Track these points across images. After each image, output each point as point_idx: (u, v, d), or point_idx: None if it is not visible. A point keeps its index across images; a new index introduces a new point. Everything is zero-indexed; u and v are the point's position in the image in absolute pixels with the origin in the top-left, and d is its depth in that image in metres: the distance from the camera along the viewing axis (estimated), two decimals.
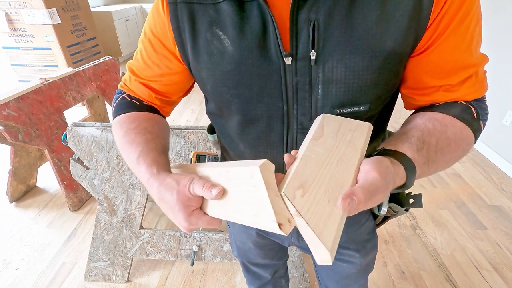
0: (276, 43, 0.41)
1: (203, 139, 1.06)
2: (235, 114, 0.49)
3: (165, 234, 1.24)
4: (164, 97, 0.55)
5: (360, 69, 0.40)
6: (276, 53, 0.41)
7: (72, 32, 2.97)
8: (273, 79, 0.43)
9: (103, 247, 1.27)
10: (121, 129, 0.50)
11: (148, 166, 0.42)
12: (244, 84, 0.44)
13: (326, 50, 0.40)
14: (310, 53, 0.40)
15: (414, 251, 1.47)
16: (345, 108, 0.44)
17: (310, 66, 0.41)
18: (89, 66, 1.98)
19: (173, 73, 0.51)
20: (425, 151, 0.40)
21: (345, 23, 0.39)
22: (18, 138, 1.48)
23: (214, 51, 0.44)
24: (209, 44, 0.44)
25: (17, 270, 1.39)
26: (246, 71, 0.43)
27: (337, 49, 0.40)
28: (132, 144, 0.46)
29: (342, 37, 0.39)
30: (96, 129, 1.08)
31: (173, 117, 2.91)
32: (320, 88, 0.43)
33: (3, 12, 2.67)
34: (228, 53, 0.43)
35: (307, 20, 0.39)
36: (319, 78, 0.42)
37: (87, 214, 1.73)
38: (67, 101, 1.79)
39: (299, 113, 0.45)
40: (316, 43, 0.40)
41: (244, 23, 0.41)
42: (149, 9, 5.18)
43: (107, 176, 1.14)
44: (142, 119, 0.51)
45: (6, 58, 2.95)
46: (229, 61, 0.43)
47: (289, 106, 0.45)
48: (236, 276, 1.38)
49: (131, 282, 1.34)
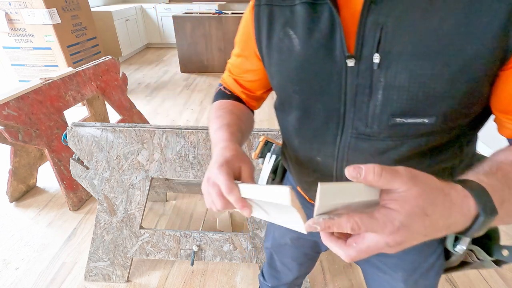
0: (340, 45, 0.41)
1: (203, 139, 1.06)
2: (295, 110, 0.51)
3: (165, 234, 1.24)
4: (249, 92, 0.63)
5: (428, 78, 0.37)
6: (340, 54, 0.42)
7: (72, 32, 2.97)
8: (333, 79, 0.43)
9: (103, 247, 1.27)
10: (213, 110, 0.60)
11: (223, 136, 0.50)
12: (306, 81, 0.46)
13: (391, 54, 0.38)
14: (374, 56, 0.39)
15: None
16: (406, 118, 0.41)
17: (372, 69, 0.40)
18: (89, 66, 1.98)
19: (254, 71, 0.58)
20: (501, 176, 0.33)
21: (417, 27, 0.36)
22: (18, 138, 1.48)
23: (284, 48, 0.47)
24: (281, 42, 0.47)
25: (17, 270, 1.39)
26: (310, 69, 0.45)
27: (404, 54, 0.38)
28: (217, 119, 0.55)
29: (411, 42, 0.37)
30: (96, 129, 1.08)
31: (173, 117, 2.91)
32: (380, 93, 0.41)
33: (3, 12, 2.67)
34: (296, 51, 0.45)
35: (375, 23, 0.38)
36: (380, 83, 0.40)
37: (87, 214, 1.73)
38: (67, 101, 1.79)
39: (356, 117, 0.45)
40: (381, 46, 0.39)
41: (314, 23, 0.43)
42: (149, 9, 5.20)
43: (107, 176, 1.14)
44: (229, 104, 0.60)
45: (6, 58, 2.95)
46: (296, 58, 0.46)
47: (346, 108, 0.45)
48: (236, 276, 1.38)
49: (131, 282, 1.34)
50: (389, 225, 0.28)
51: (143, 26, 5.29)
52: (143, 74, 4.16)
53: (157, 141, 1.08)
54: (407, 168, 0.29)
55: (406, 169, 0.29)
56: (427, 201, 0.28)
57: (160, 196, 1.80)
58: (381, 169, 0.28)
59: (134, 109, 2.39)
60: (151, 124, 1.12)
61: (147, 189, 1.15)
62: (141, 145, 1.09)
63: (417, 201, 0.28)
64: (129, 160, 1.11)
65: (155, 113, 2.98)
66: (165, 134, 1.06)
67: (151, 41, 5.53)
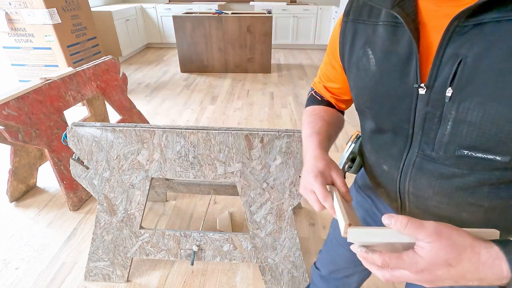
0: (414, 72, 0.42)
1: (203, 139, 1.06)
2: (368, 120, 0.55)
3: (165, 234, 1.24)
4: (337, 96, 0.68)
5: (502, 119, 0.36)
6: (412, 80, 0.42)
7: (72, 32, 2.97)
8: (404, 102, 0.45)
9: (103, 247, 1.27)
10: (305, 115, 0.67)
11: (317, 140, 0.57)
12: (378, 101, 0.49)
13: (466, 90, 0.37)
14: (447, 89, 0.39)
15: None
16: (476, 152, 0.40)
17: (444, 101, 0.40)
18: (89, 66, 1.98)
19: (339, 79, 0.63)
20: None
21: (499, 67, 0.34)
22: (18, 138, 1.48)
23: (361, 66, 0.50)
24: (359, 60, 0.50)
25: (17, 270, 1.39)
26: (382, 90, 0.47)
27: (480, 93, 0.36)
28: (309, 124, 0.62)
29: (490, 82, 0.35)
30: (96, 129, 1.08)
31: (173, 117, 2.91)
32: (449, 124, 0.41)
33: (3, 12, 2.67)
34: (371, 71, 0.48)
35: (454, 55, 0.37)
36: (451, 115, 0.40)
37: (87, 214, 1.73)
38: (67, 101, 1.79)
39: (423, 140, 0.45)
40: (456, 80, 0.38)
41: (392, 46, 0.44)
42: (149, 9, 5.21)
43: (107, 176, 1.14)
44: (320, 110, 0.66)
45: (6, 58, 2.95)
46: (371, 78, 0.49)
47: (414, 131, 0.46)
48: (236, 276, 1.38)
49: (131, 282, 1.34)
50: (414, 266, 0.34)
51: (143, 26, 5.29)
52: (143, 74, 4.16)
53: (157, 141, 1.08)
54: (436, 223, 0.34)
55: (433, 223, 0.34)
56: (450, 254, 0.32)
57: (160, 196, 1.80)
58: (407, 221, 0.34)
59: (134, 109, 2.39)
60: (151, 124, 1.12)
61: (147, 189, 1.15)
62: (141, 145, 1.09)
63: (439, 253, 0.32)
64: (129, 160, 1.11)
65: (155, 113, 2.98)
66: (165, 134, 1.06)
67: (151, 41, 5.53)
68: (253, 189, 1.12)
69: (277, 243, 1.21)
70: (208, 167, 1.10)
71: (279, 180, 1.10)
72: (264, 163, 1.08)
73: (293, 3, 5.38)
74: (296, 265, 1.24)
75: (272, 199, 1.14)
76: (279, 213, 1.16)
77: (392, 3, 0.43)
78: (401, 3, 0.43)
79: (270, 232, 1.19)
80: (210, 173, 1.11)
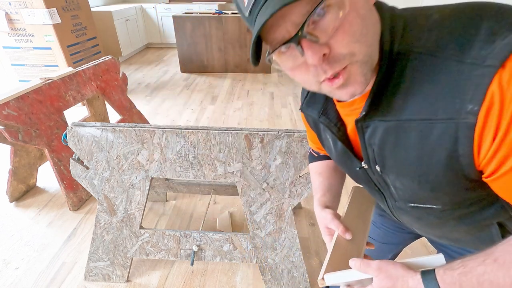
0: (354, 158, 0.52)
1: (203, 139, 1.06)
2: None
3: (165, 234, 1.24)
4: None
5: (413, 188, 0.46)
6: (357, 162, 0.52)
7: (72, 32, 2.97)
8: (362, 173, 0.54)
9: (103, 247, 1.27)
10: (310, 172, 0.77)
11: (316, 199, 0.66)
12: (345, 170, 0.60)
13: (385, 168, 0.47)
14: (376, 166, 0.49)
15: (414, 251, 1.47)
16: (418, 204, 0.50)
17: (380, 173, 0.49)
18: (89, 66, 1.98)
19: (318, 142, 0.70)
20: (457, 274, 0.38)
21: (393, 154, 0.44)
22: (18, 138, 1.48)
23: (327, 146, 0.59)
24: (324, 141, 0.60)
25: (17, 269, 1.39)
26: (344, 165, 0.58)
27: (392, 171, 0.47)
28: (312, 183, 0.73)
29: (392, 164, 0.46)
30: (96, 129, 1.08)
31: (173, 117, 2.91)
32: (392, 188, 0.51)
33: (3, 12, 2.67)
34: (332, 151, 0.58)
35: (369, 144, 0.47)
36: (389, 182, 0.50)
37: (87, 214, 1.73)
38: (67, 101, 1.79)
39: (387, 196, 0.56)
40: (377, 161, 0.48)
41: (336, 136, 0.53)
42: (149, 9, 5.20)
43: (107, 176, 1.14)
44: (319, 167, 0.73)
45: (6, 58, 2.95)
46: (334, 156, 0.59)
47: (380, 189, 0.56)
48: (236, 276, 1.38)
49: (131, 282, 1.34)
50: None
51: (143, 26, 5.29)
52: (143, 74, 4.16)
53: (157, 141, 1.08)
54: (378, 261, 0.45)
55: (376, 262, 0.45)
56: (389, 283, 0.43)
57: (160, 196, 1.80)
58: (360, 262, 0.46)
59: (134, 109, 2.39)
60: (151, 124, 1.12)
61: (147, 189, 1.15)
62: (141, 145, 1.09)
63: (382, 283, 0.44)
64: (129, 160, 1.11)
65: (155, 113, 2.98)
66: (165, 134, 1.06)
67: (151, 41, 5.53)
68: (253, 189, 1.12)
69: (277, 243, 1.21)
70: (208, 167, 1.10)
71: (279, 180, 1.10)
72: (264, 163, 1.08)
73: None
74: (296, 265, 1.24)
75: (272, 199, 1.14)
76: (279, 213, 1.16)
77: (319, 113, 0.55)
78: (325, 112, 0.54)
79: (270, 232, 1.19)
80: (210, 173, 1.11)
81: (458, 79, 0.34)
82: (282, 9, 0.34)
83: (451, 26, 0.36)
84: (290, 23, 0.35)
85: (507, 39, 0.31)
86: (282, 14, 0.35)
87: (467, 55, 0.34)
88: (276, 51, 0.38)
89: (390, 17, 0.40)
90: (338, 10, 0.34)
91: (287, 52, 0.38)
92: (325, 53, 0.36)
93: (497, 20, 0.33)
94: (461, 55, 0.34)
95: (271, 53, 0.39)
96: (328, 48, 0.36)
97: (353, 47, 0.36)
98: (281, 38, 0.37)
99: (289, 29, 0.36)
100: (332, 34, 0.35)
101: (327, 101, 0.54)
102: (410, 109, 0.39)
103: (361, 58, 0.37)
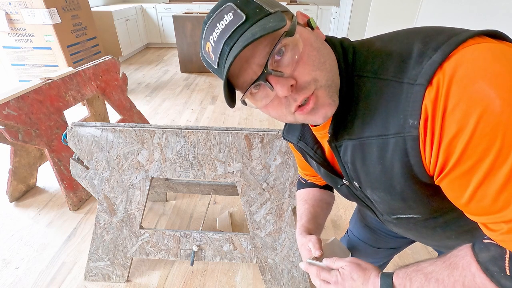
0: (335, 176, 0.56)
1: (203, 139, 1.06)
2: None
3: (165, 234, 1.24)
4: (315, 177, 0.77)
5: (388, 199, 0.49)
6: (338, 178, 0.56)
7: (72, 31, 2.97)
8: (345, 189, 0.58)
9: (103, 246, 1.27)
10: (297, 197, 0.80)
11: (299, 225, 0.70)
12: (334, 188, 0.62)
13: (362, 184, 0.50)
14: (354, 182, 0.52)
15: (414, 251, 1.47)
16: (400, 215, 0.53)
17: (360, 188, 0.52)
18: (89, 66, 1.98)
19: (307, 167, 0.72)
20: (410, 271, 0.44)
21: (363, 170, 0.47)
22: (18, 138, 1.48)
23: (313, 167, 0.63)
24: (310, 163, 0.64)
25: (16, 269, 1.39)
26: (331, 183, 0.61)
27: (367, 185, 0.50)
28: (299, 209, 0.75)
29: (364, 179, 0.49)
30: (96, 129, 1.08)
31: (173, 117, 2.91)
32: (373, 202, 0.54)
33: (3, 12, 2.67)
34: (318, 172, 0.62)
35: (345, 162, 0.50)
36: (369, 196, 0.53)
37: (87, 214, 1.73)
38: (67, 101, 1.79)
39: (374, 209, 0.58)
40: (353, 177, 0.51)
41: (313, 158, 0.58)
42: (149, 9, 5.20)
43: (107, 176, 1.14)
44: (305, 194, 0.77)
45: (6, 58, 2.95)
46: (321, 175, 0.62)
47: (367, 204, 0.58)
48: (236, 276, 1.38)
49: (131, 282, 1.34)
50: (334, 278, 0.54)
51: (143, 26, 5.28)
52: (143, 74, 4.16)
53: (157, 141, 1.08)
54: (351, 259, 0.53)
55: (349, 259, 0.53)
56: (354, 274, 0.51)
57: (160, 196, 1.80)
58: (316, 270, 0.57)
59: (134, 109, 2.39)
60: (151, 124, 1.12)
61: (147, 189, 1.15)
62: (141, 145, 1.09)
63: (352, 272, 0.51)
64: (129, 160, 1.11)
65: (155, 113, 2.98)
66: (165, 134, 1.06)
67: (151, 41, 5.53)
68: (253, 189, 1.12)
69: (277, 243, 1.21)
70: (208, 167, 1.10)
71: (279, 180, 1.10)
72: (264, 163, 1.08)
73: (293, 3, 5.38)
74: (296, 265, 1.24)
75: (272, 199, 1.14)
76: (279, 213, 1.16)
77: (297, 139, 0.60)
78: (303, 137, 0.59)
79: (270, 232, 1.19)
80: (210, 173, 1.11)
81: (400, 97, 0.38)
82: (245, 53, 0.39)
83: (390, 51, 0.41)
84: (255, 65, 0.40)
85: (431, 60, 0.35)
86: (246, 58, 0.40)
87: (404, 75, 0.38)
88: (247, 92, 0.42)
89: (341, 48, 0.46)
90: (294, 47, 0.39)
91: (258, 92, 0.43)
92: (292, 84, 0.40)
93: (425, 43, 0.37)
94: (400, 75, 0.38)
95: (243, 94, 0.43)
96: (294, 80, 0.40)
97: (315, 74, 0.41)
98: (250, 79, 0.42)
99: (255, 70, 0.40)
100: (294, 67, 0.40)
101: (304, 127, 0.59)
102: (368, 127, 0.43)
103: (324, 82, 0.41)
